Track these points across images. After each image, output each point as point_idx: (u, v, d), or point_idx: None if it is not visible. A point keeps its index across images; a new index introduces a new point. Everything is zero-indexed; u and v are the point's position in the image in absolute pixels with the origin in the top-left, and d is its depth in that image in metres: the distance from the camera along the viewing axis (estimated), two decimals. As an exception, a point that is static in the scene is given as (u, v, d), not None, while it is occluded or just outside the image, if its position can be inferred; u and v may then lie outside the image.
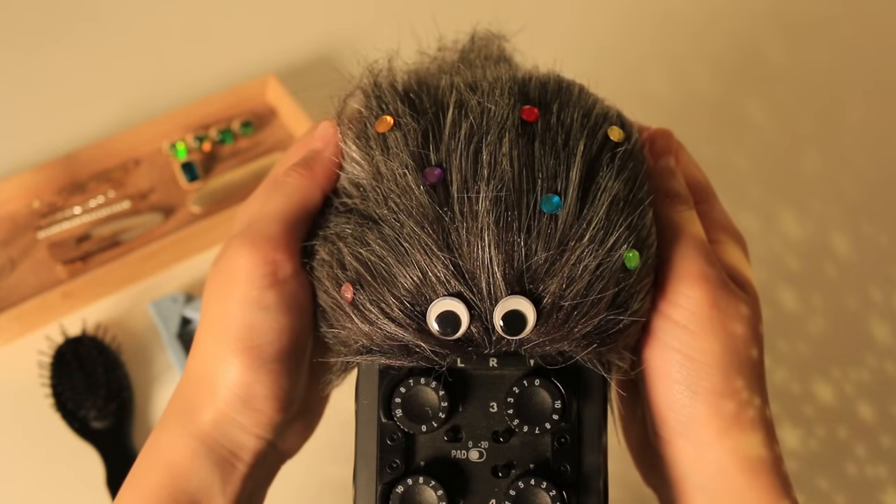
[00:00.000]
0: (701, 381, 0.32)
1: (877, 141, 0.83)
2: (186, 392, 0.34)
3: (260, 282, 0.32)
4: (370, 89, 0.34)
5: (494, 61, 0.38)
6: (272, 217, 0.33)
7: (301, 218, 0.34)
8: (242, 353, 0.32)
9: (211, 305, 0.34)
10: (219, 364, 0.33)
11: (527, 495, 0.31)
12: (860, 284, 0.72)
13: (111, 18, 0.89)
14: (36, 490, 0.60)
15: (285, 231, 0.33)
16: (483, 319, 0.30)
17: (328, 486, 0.60)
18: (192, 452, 0.33)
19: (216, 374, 0.33)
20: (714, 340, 0.32)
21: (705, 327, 0.32)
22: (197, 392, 0.33)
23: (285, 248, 0.33)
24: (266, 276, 0.32)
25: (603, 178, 0.30)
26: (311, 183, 0.34)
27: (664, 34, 0.90)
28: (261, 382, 0.33)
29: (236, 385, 0.33)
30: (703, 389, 0.32)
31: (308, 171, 0.34)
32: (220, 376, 0.33)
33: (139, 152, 0.77)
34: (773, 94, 0.86)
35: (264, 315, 0.32)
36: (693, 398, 0.32)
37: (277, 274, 0.32)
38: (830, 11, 0.93)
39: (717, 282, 0.32)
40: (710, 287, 0.32)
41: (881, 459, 0.63)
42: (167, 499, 0.33)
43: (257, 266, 0.32)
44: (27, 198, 0.74)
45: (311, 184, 0.34)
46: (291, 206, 0.33)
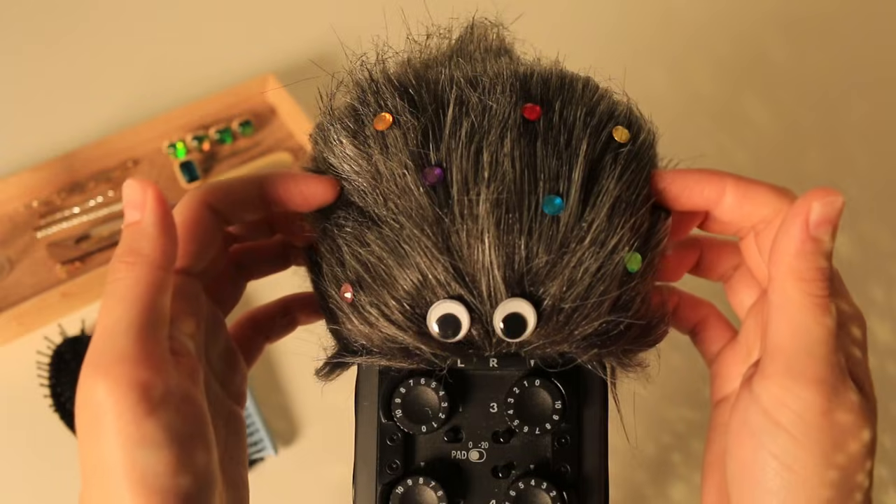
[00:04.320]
0: (798, 497, 0.28)
1: (877, 141, 0.83)
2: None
3: (131, 414, 0.26)
4: (366, 84, 0.32)
5: (495, 53, 0.37)
6: (118, 331, 0.27)
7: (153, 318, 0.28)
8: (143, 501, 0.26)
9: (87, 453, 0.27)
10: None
11: (527, 496, 0.31)
12: (860, 284, 0.72)
13: (111, 18, 0.89)
14: (35, 490, 0.60)
15: (139, 342, 0.27)
16: (483, 322, 0.30)
17: (328, 486, 0.60)
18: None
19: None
20: (819, 454, 0.28)
21: (812, 436, 0.28)
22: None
23: (147, 363, 0.27)
24: (138, 405, 0.26)
25: (605, 180, 0.30)
26: (146, 269, 0.28)
27: (664, 33, 0.90)
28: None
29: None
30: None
31: (135, 256, 0.28)
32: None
33: (138, 152, 0.77)
34: (774, 93, 0.85)
35: (153, 452, 0.26)
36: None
37: (151, 397, 0.27)
38: (831, 11, 0.93)
39: (836, 385, 0.28)
40: (826, 392, 0.28)
41: (881, 459, 0.63)
42: None
43: (123, 397, 0.26)
44: (26, 197, 0.73)
45: (145, 271, 0.28)
46: (136, 310, 0.28)
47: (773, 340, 0.29)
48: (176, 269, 0.30)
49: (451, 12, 0.38)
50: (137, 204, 0.29)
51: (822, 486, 0.28)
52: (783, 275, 0.29)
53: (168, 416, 0.27)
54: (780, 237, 0.30)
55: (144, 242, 0.28)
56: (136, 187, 0.29)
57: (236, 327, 0.38)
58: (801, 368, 0.28)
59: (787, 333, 0.29)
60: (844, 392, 0.29)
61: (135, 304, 0.28)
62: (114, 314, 0.28)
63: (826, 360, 0.28)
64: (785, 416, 0.28)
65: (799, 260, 0.29)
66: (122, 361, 0.27)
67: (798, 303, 0.29)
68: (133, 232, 0.29)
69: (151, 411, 0.27)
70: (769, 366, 0.29)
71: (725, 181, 0.32)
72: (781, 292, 0.29)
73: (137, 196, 0.29)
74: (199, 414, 0.28)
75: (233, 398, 0.35)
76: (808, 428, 0.28)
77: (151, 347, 0.27)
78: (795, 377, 0.28)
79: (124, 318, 0.27)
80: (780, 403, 0.28)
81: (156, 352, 0.27)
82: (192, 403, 0.28)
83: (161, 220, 0.29)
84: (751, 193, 0.31)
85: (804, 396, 0.28)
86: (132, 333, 0.27)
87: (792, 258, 0.29)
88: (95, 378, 0.27)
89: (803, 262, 0.29)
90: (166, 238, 0.29)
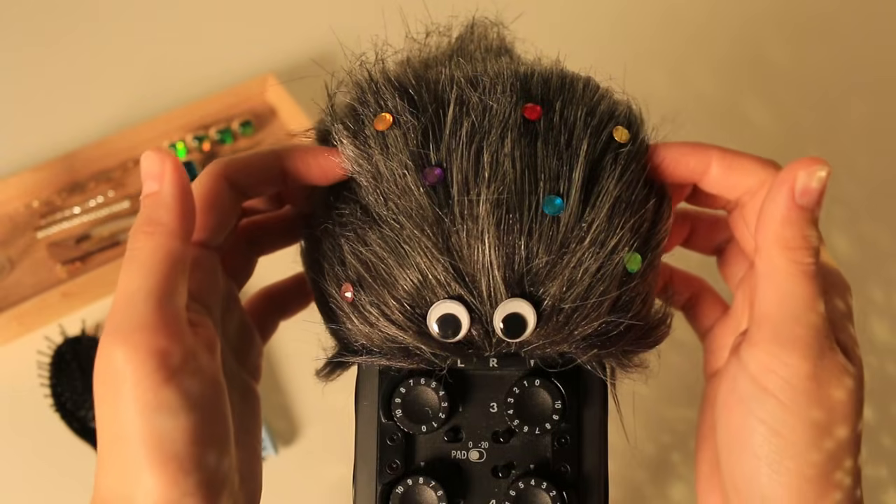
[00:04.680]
0: (785, 462, 0.28)
1: (877, 141, 0.83)
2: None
3: (150, 381, 0.27)
4: (365, 84, 0.32)
5: (495, 53, 0.37)
6: (138, 298, 0.27)
7: (172, 287, 0.28)
8: (158, 468, 0.27)
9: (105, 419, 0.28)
10: (134, 485, 0.27)
11: (527, 495, 0.31)
12: (860, 284, 0.72)
13: (111, 18, 0.89)
14: (35, 490, 0.60)
15: (158, 310, 0.27)
16: (483, 322, 0.30)
17: (328, 486, 0.60)
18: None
19: (133, 497, 0.27)
20: (807, 418, 0.28)
21: (799, 401, 0.28)
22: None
23: (166, 330, 0.27)
24: (156, 372, 0.27)
25: (605, 180, 0.30)
26: (165, 239, 0.28)
27: (665, 33, 0.89)
28: (190, 494, 0.27)
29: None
30: (788, 471, 0.28)
31: (154, 226, 0.29)
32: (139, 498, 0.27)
33: (139, 152, 0.77)
34: (774, 93, 0.85)
35: (170, 419, 0.27)
36: (774, 478, 0.28)
37: (169, 365, 0.27)
38: (831, 11, 0.93)
39: (822, 351, 0.28)
40: (813, 358, 0.28)
41: (881, 459, 0.63)
42: None
43: (141, 364, 0.27)
44: (26, 197, 0.73)
45: (165, 240, 0.28)
46: (155, 278, 0.28)
47: (760, 308, 0.29)
48: (194, 241, 0.31)
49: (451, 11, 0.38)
50: (156, 175, 0.29)
51: (810, 450, 0.28)
52: (769, 243, 0.29)
53: (186, 384, 0.27)
54: (766, 206, 0.30)
55: (163, 212, 0.29)
56: (154, 158, 0.29)
57: (251, 303, 0.38)
58: (787, 335, 0.28)
59: (773, 301, 0.29)
60: (831, 357, 0.29)
61: (153, 273, 0.28)
62: (133, 282, 0.28)
63: (812, 326, 0.29)
64: (772, 381, 0.28)
65: (785, 228, 0.29)
66: (141, 329, 0.27)
67: (784, 270, 0.29)
68: (152, 202, 0.29)
69: (169, 378, 0.27)
70: (756, 333, 0.29)
71: (711, 153, 0.32)
72: (768, 260, 0.29)
73: (156, 167, 0.29)
74: (216, 383, 0.29)
75: (248, 372, 0.35)
76: (795, 393, 0.28)
77: (170, 315, 0.27)
78: (782, 343, 0.28)
79: (143, 286, 0.28)
80: (767, 370, 0.29)
81: (174, 320, 0.28)
82: (210, 373, 0.28)
83: (179, 190, 0.29)
84: (736, 164, 0.32)
85: (791, 362, 0.28)
86: (151, 301, 0.27)
87: (778, 226, 0.29)
88: (114, 345, 0.27)
89: (789, 230, 0.29)
90: (185, 208, 0.29)
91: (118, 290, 0.28)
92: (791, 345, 0.28)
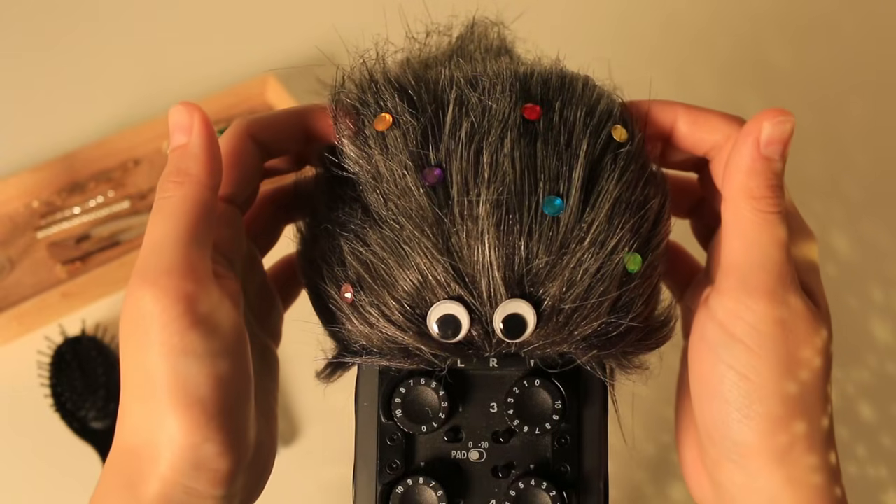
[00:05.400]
0: (754, 406, 0.29)
1: (877, 141, 0.83)
2: (122, 466, 0.29)
3: (177, 325, 0.27)
4: (365, 84, 0.32)
5: (495, 53, 0.37)
6: (166, 244, 0.28)
7: (199, 235, 0.29)
8: (182, 411, 0.27)
9: (130, 363, 0.28)
10: (157, 428, 0.28)
11: (527, 496, 0.31)
12: (860, 284, 0.72)
13: (111, 18, 0.89)
14: (35, 490, 0.60)
15: (186, 257, 0.28)
16: (483, 323, 0.30)
17: (328, 486, 0.60)
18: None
19: (155, 441, 0.28)
20: (775, 362, 0.28)
21: (766, 346, 0.28)
22: (135, 464, 0.28)
23: (193, 276, 0.28)
24: (183, 317, 0.27)
25: (605, 180, 0.30)
26: (194, 188, 0.29)
27: (665, 34, 0.90)
28: (211, 440, 0.28)
29: (183, 449, 0.28)
30: (757, 415, 0.28)
31: (183, 176, 0.29)
32: (161, 441, 0.28)
33: (139, 152, 0.77)
34: (774, 94, 0.85)
35: (195, 363, 0.27)
36: (744, 423, 0.29)
37: (195, 310, 0.27)
38: (831, 12, 0.93)
39: (788, 296, 0.29)
40: (778, 302, 0.28)
41: (882, 459, 0.63)
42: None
43: (169, 307, 0.27)
44: (26, 198, 0.73)
45: (193, 190, 0.29)
46: (183, 225, 0.28)
47: (728, 257, 0.30)
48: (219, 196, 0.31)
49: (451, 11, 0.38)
50: (184, 127, 0.30)
51: (778, 394, 0.28)
52: (735, 193, 0.30)
53: (210, 330, 0.28)
54: (732, 157, 0.30)
55: (191, 163, 0.29)
56: (182, 111, 0.30)
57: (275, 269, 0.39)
58: (754, 282, 0.29)
59: (740, 249, 0.29)
60: (797, 303, 0.29)
61: (182, 220, 0.29)
62: (161, 229, 0.29)
63: (778, 272, 0.29)
64: (740, 328, 0.29)
65: (750, 178, 0.30)
66: (170, 274, 0.27)
67: (750, 219, 0.29)
68: (180, 154, 0.30)
69: (196, 323, 0.27)
70: (723, 282, 0.30)
71: (676, 109, 0.33)
72: (734, 210, 0.30)
73: (184, 119, 0.30)
74: (240, 333, 0.29)
75: (268, 334, 0.35)
76: (762, 338, 0.28)
77: (197, 262, 0.28)
78: (749, 291, 0.29)
79: (172, 233, 0.28)
80: (734, 316, 0.29)
81: (201, 267, 0.28)
82: (234, 322, 0.29)
83: (207, 142, 0.30)
84: (701, 120, 0.32)
85: (757, 308, 0.29)
86: (180, 248, 0.28)
87: (743, 176, 0.30)
88: (143, 289, 0.27)
89: (754, 180, 0.30)
90: (212, 159, 0.30)
91: (146, 237, 0.29)
92: (757, 291, 0.29)
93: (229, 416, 0.28)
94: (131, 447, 0.29)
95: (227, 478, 0.29)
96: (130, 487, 0.28)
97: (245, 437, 0.29)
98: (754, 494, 0.29)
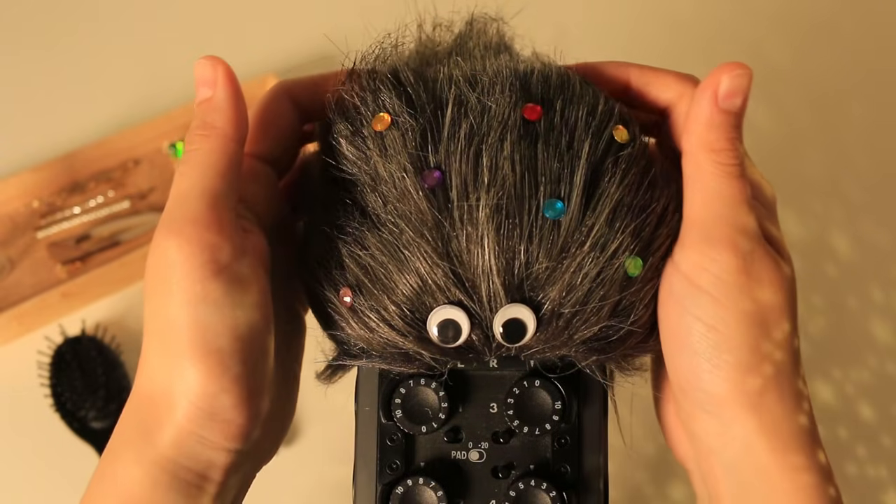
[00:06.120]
0: (723, 355, 0.29)
1: (877, 140, 0.83)
2: (139, 413, 0.29)
3: (199, 273, 0.28)
4: (365, 82, 0.32)
5: (494, 50, 0.36)
6: (192, 195, 0.29)
7: (225, 186, 0.29)
8: (200, 360, 0.28)
9: (152, 311, 0.29)
10: (174, 376, 0.28)
11: (527, 496, 0.31)
12: (860, 284, 0.72)
13: (111, 18, 0.89)
14: (35, 490, 0.60)
15: (211, 207, 0.28)
16: (483, 327, 0.30)
17: (328, 486, 0.60)
18: (151, 482, 0.29)
19: (171, 388, 0.28)
20: (740, 311, 0.29)
21: (732, 296, 0.29)
22: (152, 411, 0.29)
23: (217, 227, 0.28)
24: (205, 265, 0.28)
25: (607, 183, 0.30)
26: (220, 141, 0.30)
27: (664, 34, 0.89)
28: (227, 391, 0.28)
29: (198, 397, 0.28)
30: (726, 364, 0.29)
31: (209, 129, 0.30)
32: (178, 390, 0.28)
33: (139, 152, 0.77)
34: (774, 93, 0.85)
35: (214, 311, 0.28)
36: (715, 373, 0.29)
37: (218, 259, 0.28)
38: (831, 12, 0.93)
39: (751, 246, 0.29)
40: (741, 253, 0.29)
41: (881, 460, 0.63)
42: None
43: (192, 255, 0.28)
44: (26, 198, 0.73)
45: (219, 142, 0.30)
46: (208, 176, 0.29)
47: (689, 211, 0.30)
48: (252, 154, 0.32)
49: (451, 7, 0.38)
50: (209, 81, 0.31)
51: (746, 342, 0.29)
52: (695, 147, 0.30)
53: (232, 280, 0.28)
54: (691, 111, 0.31)
55: (216, 116, 0.30)
56: (206, 65, 0.31)
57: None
58: (716, 233, 0.29)
59: (701, 202, 0.30)
60: (760, 252, 0.29)
61: (207, 172, 0.29)
62: (187, 181, 0.29)
63: (740, 223, 0.29)
64: (705, 279, 0.29)
65: (709, 131, 0.30)
66: (194, 223, 0.28)
67: (710, 172, 0.30)
68: (206, 107, 0.31)
69: (218, 272, 0.28)
70: (687, 236, 0.30)
71: (629, 69, 0.33)
72: (695, 164, 0.30)
73: (208, 73, 0.31)
74: (261, 287, 0.30)
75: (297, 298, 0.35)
76: (727, 288, 0.29)
77: (222, 213, 0.29)
78: (712, 242, 0.29)
79: (197, 184, 0.29)
80: (699, 268, 0.29)
81: (225, 217, 0.29)
82: (256, 275, 0.29)
83: (231, 95, 0.30)
84: (653, 79, 0.33)
85: (721, 259, 0.29)
86: (205, 198, 0.29)
87: (703, 130, 0.30)
88: (168, 238, 0.28)
89: (713, 133, 0.30)
90: (237, 112, 0.30)
91: (173, 189, 0.30)
92: (720, 242, 0.29)
93: (246, 368, 0.29)
94: (149, 394, 0.29)
95: (241, 432, 0.29)
96: (146, 434, 0.29)
97: (261, 393, 0.30)
98: (729, 443, 0.29)
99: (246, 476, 0.32)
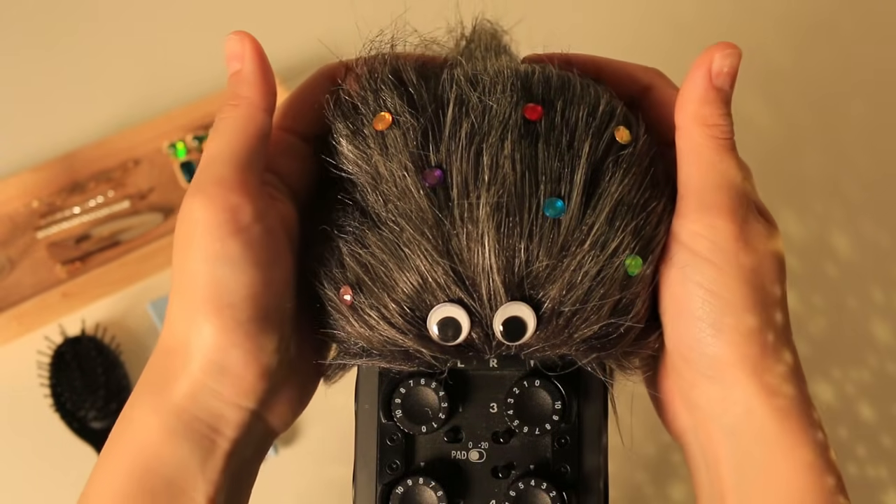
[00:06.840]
0: (725, 319, 0.30)
1: (877, 140, 0.83)
2: (158, 364, 0.31)
3: (219, 231, 0.29)
4: (366, 80, 0.32)
5: (495, 51, 0.37)
6: (219, 159, 0.30)
7: (251, 152, 0.31)
8: (213, 314, 0.29)
9: (177, 267, 0.31)
10: (190, 329, 0.30)
11: (527, 496, 0.31)
12: (860, 284, 0.72)
13: (111, 18, 0.89)
14: (35, 490, 0.60)
15: (237, 170, 0.30)
16: (483, 325, 0.30)
17: (328, 486, 0.60)
18: (166, 430, 0.30)
19: (188, 341, 0.30)
20: (739, 275, 0.30)
21: (730, 261, 0.30)
22: (170, 363, 0.31)
23: (241, 189, 0.30)
24: (225, 224, 0.29)
25: (607, 182, 0.30)
26: (248, 109, 0.32)
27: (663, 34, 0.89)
28: (237, 346, 0.30)
29: (211, 350, 0.30)
30: (728, 327, 0.30)
31: (238, 99, 0.32)
32: (193, 342, 0.30)
33: (139, 152, 0.77)
34: (774, 93, 0.85)
35: (230, 269, 0.29)
36: (717, 336, 0.30)
37: (238, 219, 0.30)
38: (831, 12, 0.93)
39: (745, 214, 0.30)
40: (738, 219, 0.30)
41: (882, 460, 0.63)
42: (140, 484, 0.30)
43: (214, 214, 0.29)
44: (26, 198, 0.73)
45: (248, 111, 0.32)
46: (237, 142, 0.31)
47: (686, 183, 0.31)
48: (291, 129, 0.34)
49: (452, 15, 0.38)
50: (238, 55, 0.32)
51: (746, 305, 0.30)
52: (689, 122, 0.31)
53: (251, 241, 0.30)
54: (684, 88, 0.32)
55: (245, 87, 0.32)
56: (235, 40, 0.33)
57: None
58: (712, 202, 0.30)
59: (696, 174, 0.31)
60: (754, 219, 0.31)
61: (235, 137, 0.31)
62: (216, 145, 0.31)
63: (735, 191, 0.31)
64: (703, 245, 0.30)
65: (703, 107, 0.31)
66: (218, 184, 0.30)
67: (704, 145, 0.31)
68: (236, 80, 0.32)
69: (237, 232, 0.30)
70: (684, 206, 0.31)
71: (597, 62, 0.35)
72: (688, 138, 0.31)
73: (237, 48, 0.32)
74: (280, 250, 0.31)
75: None
76: (725, 254, 0.30)
77: (246, 176, 0.30)
78: (708, 210, 0.30)
79: (226, 149, 0.31)
80: (697, 236, 0.30)
81: (249, 181, 0.30)
82: (276, 238, 0.31)
83: (259, 67, 0.32)
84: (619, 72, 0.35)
85: (717, 225, 0.30)
86: (232, 162, 0.30)
87: (696, 105, 0.31)
88: (195, 198, 0.30)
89: (707, 109, 0.31)
90: (264, 82, 0.32)
91: (203, 154, 0.32)
92: (716, 210, 0.30)
93: (258, 326, 0.30)
94: (169, 347, 0.31)
95: (252, 389, 0.31)
96: (164, 384, 0.31)
97: (273, 351, 0.31)
98: (730, 407, 0.31)
99: (260, 441, 0.33)
